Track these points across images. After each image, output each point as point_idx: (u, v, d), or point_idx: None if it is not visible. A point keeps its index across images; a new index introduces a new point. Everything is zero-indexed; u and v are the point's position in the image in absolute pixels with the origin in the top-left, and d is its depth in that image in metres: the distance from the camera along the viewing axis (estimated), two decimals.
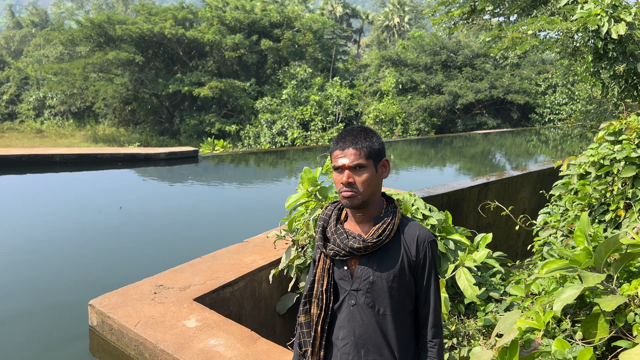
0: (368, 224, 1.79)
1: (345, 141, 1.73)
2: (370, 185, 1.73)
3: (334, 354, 1.80)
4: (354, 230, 1.80)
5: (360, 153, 1.71)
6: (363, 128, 1.78)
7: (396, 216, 1.78)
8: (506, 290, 3.85)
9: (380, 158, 1.77)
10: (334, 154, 1.75)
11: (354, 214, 1.80)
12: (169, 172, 10.49)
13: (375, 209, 1.79)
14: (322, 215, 1.89)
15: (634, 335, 2.14)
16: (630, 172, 4.28)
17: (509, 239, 9.77)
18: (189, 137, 28.99)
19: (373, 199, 1.76)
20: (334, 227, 1.82)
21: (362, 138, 1.73)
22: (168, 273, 4.18)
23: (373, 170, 1.74)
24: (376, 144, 1.75)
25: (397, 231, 1.77)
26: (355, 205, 1.73)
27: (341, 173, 1.73)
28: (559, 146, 20.40)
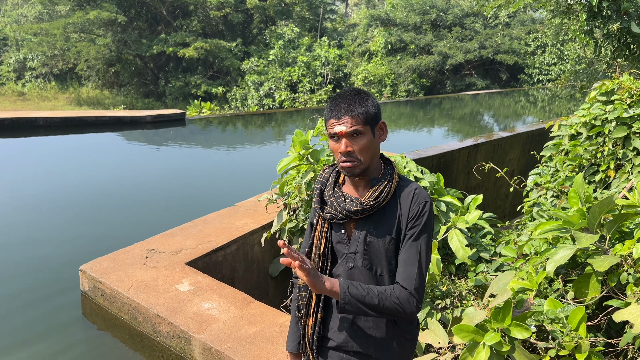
0: (366, 186, 1.76)
1: (340, 108, 1.67)
2: (369, 152, 1.69)
3: (333, 317, 1.80)
4: (352, 194, 1.77)
5: (356, 120, 1.65)
6: (357, 91, 1.71)
7: (394, 178, 1.75)
8: (496, 250, 3.88)
9: (377, 121, 1.72)
10: (330, 122, 1.69)
11: (352, 177, 1.76)
12: (156, 135, 10.33)
13: (374, 171, 1.76)
14: (319, 179, 1.85)
15: (627, 294, 2.17)
16: (621, 133, 4.28)
17: (497, 200, 9.86)
18: (175, 99, 28.50)
19: (373, 164, 1.73)
20: (331, 190, 1.79)
21: (357, 103, 1.67)
22: (159, 237, 4.15)
23: (371, 136, 1.69)
24: (372, 107, 1.69)
25: (394, 193, 1.74)
26: (356, 174, 1.70)
27: (338, 141, 1.68)
28: (547, 107, 20.42)
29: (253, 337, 2.94)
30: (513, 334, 2.40)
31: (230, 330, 3.00)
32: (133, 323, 3.37)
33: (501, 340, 2.40)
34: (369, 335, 1.76)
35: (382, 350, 1.76)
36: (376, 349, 1.76)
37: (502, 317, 2.44)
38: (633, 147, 4.21)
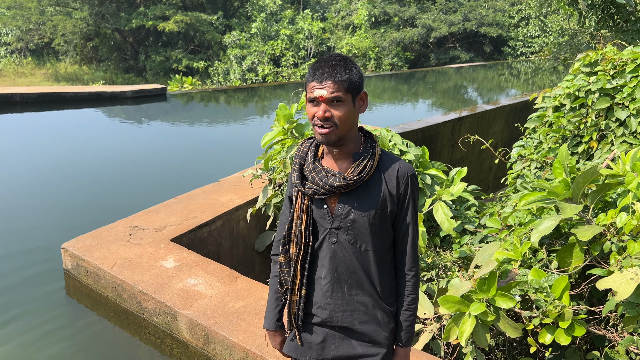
0: (347, 160, 1.72)
1: (323, 72, 1.61)
2: (347, 121, 1.64)
3: (316, 292, 1.78)
4: (332, 168, 1.73)
5: (339, 86, 1.60)
6: (342, 57, 1.65)
7: (376, 152, 1.71)
8: (481, 222, 3.91)
9: (359, 91, 1.67)
10: (310, 84, 1.63)
11: (331, 150, 1.72)
12: (137, 111, 10.14)
13: (353, 144, 1.71)
14: (298, 153, 1.80)
15: (610, 263, 2.20)
16: (604, 104, 4.30)
17: (480, 173, 9.94)
18: (156, 74, 27.97)
19: (350, 134, 1.68)
20: (311, 164, 1.75)
21: (341, 69, 1.61)
22: (142, 214, 4.10)
23: (351, 105, 1.64)
24: (356, 76, 1.64)
25: (377, 167, 1.72)
26: (331, 141, 1.65)
27: (316, 106, 1.63)
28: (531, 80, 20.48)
29: (240, 311, 2.94)
30: (498, 303, 2.43)
31: (217, 305, 2.99)
32: (118, 300, 3.35)
33: (486, 310, 2.43)
34: (352, 310, 1.76)
35: (367, 323, 1.76)
36: (360, 322, 1.76)
37: (487, 288, 2.46)
38: (615, 118, 4.23)
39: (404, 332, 1.80)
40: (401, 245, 1.77)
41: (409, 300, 1.79)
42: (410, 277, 1.78)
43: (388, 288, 1.79)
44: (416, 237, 1.77)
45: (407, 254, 1.77)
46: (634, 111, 4.11)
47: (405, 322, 1.80)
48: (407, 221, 1.73)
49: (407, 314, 1.80)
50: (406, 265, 1.78)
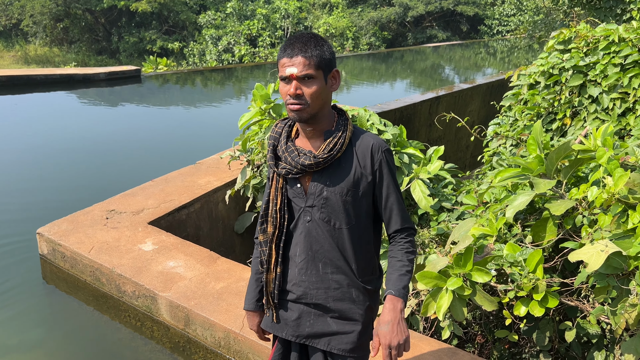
0: (319, 138, 1.71)
1: (294, 48, 1.60)
2: (319, 98, 1.63)
3: (292, 270, 1.80)
4: (305, 147, 1.73)
5: (309, 62, 1.59)
6: (313, 35, 1.65)
7: (347, 129, 1.71)
8: (458, 200, 3.96)
9: (331, 69, 1.67)
10: (281, 61, 1.63)
11: (304, 129, 1.72)
12: (112, 93, 9.94)
13: (326, 122, 1.71)
14: (272, 134, 1.80)
15: (581, 236, 2.25)
16: (577, 81, 4.36)
17: (458, 152, 10.04)
18: (129, 56, 27.38)
19: (322, 112, 1.68)
20: (284, 144, 1.75)
21: (312, 46, 1.61)
22: (119, 198, 4.05)
23: (322, 82, 1.63)
24: (327, 53, 1.64)
25: (349, 144, 1.72)
26: (303, 119, 1.64)
27: (288, 83, 1.62)
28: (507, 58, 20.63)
29: (220, 292, 2.94)
30: (474, 278, 2.48)
31: (197, 287, 2.99)
32: (96, 284, 3.32)
33: (463, 284, 2.48)
34: (327, 287, 1.77)
35: (341, 301, 1.77)
36: (335, 300, 1.77)
37: (464, 263, 2.51)
38: (588, 95, 4.30)
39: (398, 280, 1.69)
40: (388, 213, 1.76)
41: (410, 258, 1.74)
42: (405, 235, 1.76)
43: (364, 266, 1.80)
44: (401, 202, 1.75)
45: (397, 217, 1.75)
46: (606, 88, 4.18)
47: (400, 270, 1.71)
48: (391, 195, 1.73)
49: (406, 269, 1.71)
50: (400, 227, 1.76)
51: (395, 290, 1.67)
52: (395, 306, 1.65)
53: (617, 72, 4.14)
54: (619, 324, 2.05)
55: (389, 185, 1.73)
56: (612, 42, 4.27)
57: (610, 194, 2.09)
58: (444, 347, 2.63)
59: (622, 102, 4.15)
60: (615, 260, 2.01)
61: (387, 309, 1.65)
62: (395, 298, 1.66)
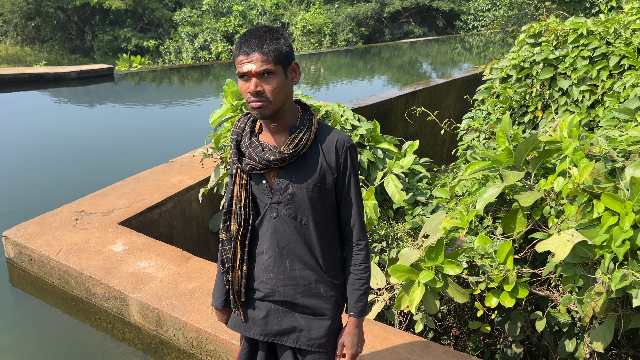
0: (284, 134, 1.68)
1: (250, 44, 1.56)
2: (281, 93, 1.60)
3: (258, 267, 1.77)
4: (269, 142, 1.70)
5: (267, 58, 1.55)
6: (268, 28, 1.61)
7: (312, 124, 1.69)
8: (432, 193, 3.97)
9: (290, 62, 1.63)
10: (238, 59, 1.58)
11: (267, 124, 1.68)
12: (84, 92, 9.75)
13: (290, 117, 1.68)
14: (235, 129, 1.76)
15: (549, 226, 2.27)
16: (548, 74, 4.41)
17: (435, 146, 10.11)
18: (104, 54, 26.92)
19: (285, 107, 1.65)
20: (248, 140, 1.71)
21: (268, 40, 1.56)
22: (89, 198, 3.96)
23: (283, 76, 1.60)
24: (284, 46, 1.60)
25: (314, 139, 1.69)
26: (266, 115, 1.61)
27: (247, 81, 1.57)
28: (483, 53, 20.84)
29: (192, 292, 2.90)
30: (446, 270, 2.48)
31: (168, 287, 2.94)
32: (65, 287, 3.24)
33: (435, 277, 2.49)
34: (295, 284, 1.75)
35: (309, 297, 1.76)
36: (303, 295, 1.75)
37: (435, 256, 2.51)
38: (559, 87, 4.35)
39: (357, 302, 1.77)
40: (346, 216, 1.75)
41: (361, 269, 1.77)
42: (360, 247, 1.77)
43: (331, 261, 1.79)
44: (361, 207, 1.76)
45: (354, 224, 1.76)
46: (575, 80, 4.24)
47: (358, 291, 1.78)
48: (350, 192, 1.73)
49: (359, 283, 1.78)
50: (355, 236, 1.77)
51: (357, 313, 1.79)
52: (359, 323, 1.81)
53: (585, 65, 4.20)
54: (586, 312, 2.07)
55: (350, 182, 1.72)
56: (581, 35, 4.33)
57: (575, 184, 2.11)
58: (417, 340, 2.63)
59: (591, 94, 4.21)
60: (581, 249, 2.03)
61: (351, 326, 1.80)
62: (358, 319, 1.80)
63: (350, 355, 1.80)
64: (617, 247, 1.89)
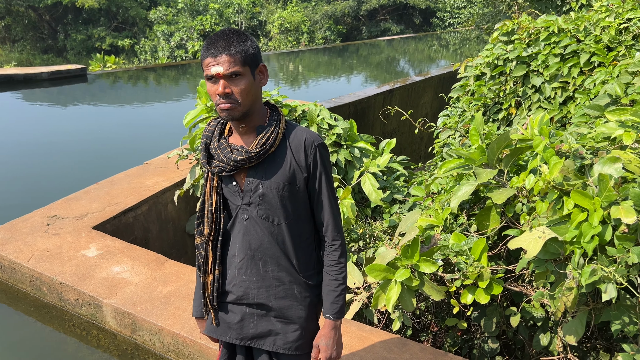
0: (252, 134, 1.68)
1: (217, 47, 1.56)
2: (249, 95, 1.60)
3: (231, 270, 1.76)
4: (238, 143, 1.70)
5: (235, 59, 1.55)
6: (235, 31, 1.61)
7: (280, 123, 1.68)
8: (409, 191, 4.00)
9: (257, 64, 1.63)
10: (206, 61, 1.57)
11: (236, 126, 1.68)
12: (57, 93, 9.56)
13: (258, 118, 1.68)
14: (205, 132, 1.76)
15: (521, 223, 2.30)
16: (521, 71, 4.47)
17: (412, 144, 10.17)
18: (78, 54, 26.44)
19: (254, 108, 1.64)
20: (216, 142, 1.71)
21: (235, 42, 1.57)
22: (61, 202, 3.89)
23: (251, 78, 1.60)
24: (251, 48, 1.60)
25: (283, 139, 1.69)
26: (235, 117, 1.60)
27: (215, 83, 1.57)
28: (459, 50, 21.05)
29: (168, 296, 2.87)
30: (422, 269, 2.50)
31: (144, 292, 2.90)
32: (37, 294, 3.17)
33: (411, 276, 2.50)
34: (268, 286, 1.74)
35: (283, 299, 1.75)
36: (277, 298, 1.74)
37: (411, 254, 2.52)
38: (532, 84, 4.41)
39: (332, 303, 1.74)
40: (320, 216, 1.75)
41: (336, 270, 1.75)
42: (335, 246, 1.75)
43: (305, 261, 1.78)
44: (335, 206, 1.75)
45: (329, 224, 1.74)
46: (547, 77, 4.30)
47: (333, 292, 1.75)
48: (322, 192, 1.72)
49: (334, 284, 1.75)
50: (329, 236, 1.75)
51: (333, 315, 1.76)
52: (335, 325, 1.78)
53: (557, 62, 4.27)
54: (558, 307, 2.10)
55: (321, 180, 1.71)
56: (552, 33, 4.39)
57: (546, 181, 2.14)
58: (394, 338, 2.64)
59: (563, 91, 4.28)
60: (552, 246, 2.06)
61: (327, 328, 1.76)
62: (334, 321, 1.77)
63: (325, 358, 1.75)
64: (587, 242, 1.93)
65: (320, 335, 1.77)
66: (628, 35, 4.10)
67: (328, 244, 1.77)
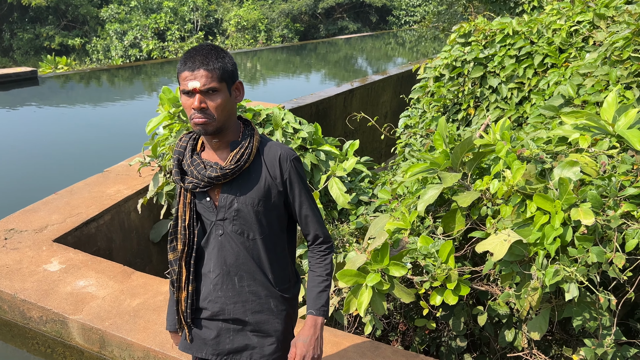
0: (225, 150, 1.68)
1: (195, 61, 1.55)
2: (224, 110, 1.59)
3: (206, 286, 1.75)
4: (211, 159, 1.69)
5: (212, 75, 1.55)
6: (214, 47, 1.61)
7: (254, 139, 1.69)
8: (374, 192, 4.06)
9: (234, 80, 1.63)
10: (182, 75, 1.57)
11: (209, 141, 1.67)
12: (5, 97, 9.16)
13: (232, 133, 1.67)
14: (176, 148, 1.75)
15: (486, 226, 2.38)
16: (478, 73, 4.60)
17: (373, 142, 10.29)
18: (25, 54, 25.39)
19: (228, 123, 1.64)
20: (189, 158, 1.70)
21: (213, 58, 1.56)
22: (18, 215, 3.74)
23: (227, 94, 1.60)
24: (229, 64, 1.60)
25: (257, 153, 1.69)
26: (209, 131, 1.60)
27: (191, 97, 1.57)
28: (415, 48, 21.41)
29: (137, 309, 2.81)
30: (392, 272, 2.55)
31: (111, 306, 2.84)
32: None
33: (381, 280, 2.54)
34: (244, 301, 1.74)
35: (259, 313, 1.75)
36: (253, 312, 1.74)
37: (381, 258, 2.57)
38: (489, 85, 4.55)
39: (315, 299, 1.73)
40: (308, 228, 1.77)
41: (322, 266, 1.77)
42: (325, 247, 1.79)
43: (280, 275, 1.79)
44: (317, 214, 1.76)
45: (318, 232, 1.77)
46: (504, 78, 4.44)
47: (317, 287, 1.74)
48: (304, 204, 1.73)
49: (319, 279, 1.75)
50: (322, 242, 1.78)
51: (315, 310, 1.72)
52: (316, 323, 1.72)
53: (512, 64, 4.41)
54: (523, 306, 2.19)
55: (301, 194, 1.72)
56: (507, 35, 4.54)
57: (509, 185, 2.22)
58: (366, 342, 2.69)
59: (519, 92, 4.43)
60: (517, 248, 2.15)
61: (307, 325, 1.71)
62: (315, 317, 1.72)
63: (301, 356, 1.67)
64: (549, 244, 2.01)
65: (299, 333, 1.72)
66: (578, 37, 4.29)
67: (318, 249, 1.79)
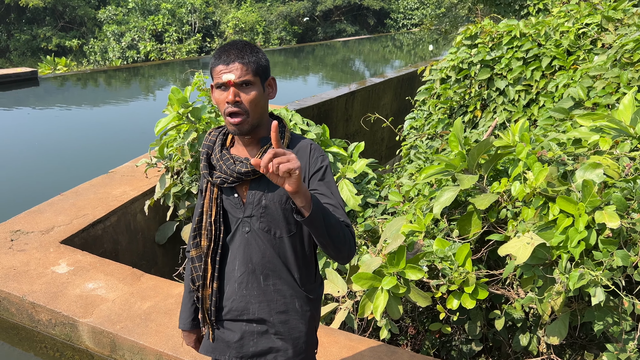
0: (256, 146, 1.65)
1: (230, 54, 1.53)
2: (258, 106, 1.57)
3: (230, 285, 1.71)
4: (242, 155, 1.66)
5: (247, 68, 1.53)
6: (247, 43, 1.60)
7: (285, 135, 1.66)
8: (381, 194, 4.03)
9: (267, 76, 1.62)
10: (217, 69, 1.55)
11: (241, 137, 1.64)
12: (6, 98, 9.08)
13: (263, 130, 1.65)
14: (205, 142, 1.72)
15: (507, 229, 2.35)
16: (485, 75, 4.58)
17: (374, 144, 10.28)
18: (22, 55, 25.27)
19: (261, 120, 1.62)
20: (218, 153, 1.67)
21: (248, 52, 1.55)
22: (24, 216, 3.69)
23: (261, 89, 1.58)
24: (263, 60, 1.59)
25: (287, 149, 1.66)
26: (244, 131, 1.57)
27: (225, 91, 1.54)
28: (413, 51, 21.44)
29: (148, 312, 2.77)
30: (408, 276, 2.52)
31: (122, 309, 2.80)
32: (5, 315, 3.00)
33: (397, 283, 2.51)
34: (269, 300, 1.70)
35: (284, 313, 1.71)
36: (278, 312, 1.70)
37: (397, 262, 2.54)
38: (496, 87, 4.53)
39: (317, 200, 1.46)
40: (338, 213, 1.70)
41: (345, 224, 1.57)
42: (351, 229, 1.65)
43: (306, 274, 1.75)
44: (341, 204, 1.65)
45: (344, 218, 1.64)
46: (511, 81, 4.43)
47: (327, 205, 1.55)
48: (329, 196, 1.68)
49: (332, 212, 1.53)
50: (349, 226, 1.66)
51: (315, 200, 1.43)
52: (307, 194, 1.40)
53: (520, 66, 4.40)
54: (545, 310, 2.17)
55: (331, 191, 1.67)
56: (515, 37, 4.53)
57: (532, 188, 2.20)
58: (382, 346, 2.65)
59: (526, 94, 4.42)
60: (539, 251, 2.12)
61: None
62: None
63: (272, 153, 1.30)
64: (574, 247, 1.99)
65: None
66: (586, 39, 4.28)
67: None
